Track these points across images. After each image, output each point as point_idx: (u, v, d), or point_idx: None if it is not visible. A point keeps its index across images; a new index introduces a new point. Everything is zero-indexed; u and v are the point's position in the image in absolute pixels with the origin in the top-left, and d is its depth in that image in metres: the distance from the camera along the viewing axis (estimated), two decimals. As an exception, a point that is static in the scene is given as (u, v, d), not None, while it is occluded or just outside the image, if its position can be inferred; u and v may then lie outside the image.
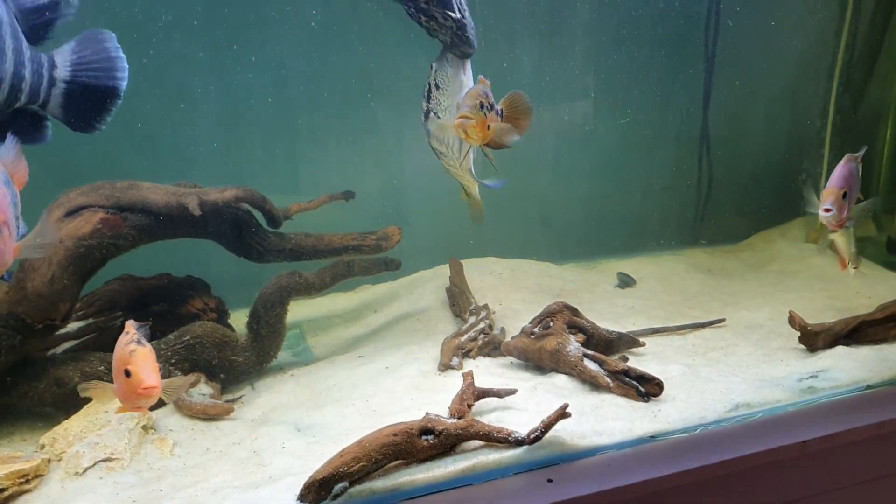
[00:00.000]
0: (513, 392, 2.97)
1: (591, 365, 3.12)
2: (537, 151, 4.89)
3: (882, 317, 3.52)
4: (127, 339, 2.39)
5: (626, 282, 4.76)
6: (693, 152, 5.30)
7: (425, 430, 2.53)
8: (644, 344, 3.63)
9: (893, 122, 5.30)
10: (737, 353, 3.57)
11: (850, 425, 2.82)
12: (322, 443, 2.83)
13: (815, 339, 3.49)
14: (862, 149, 3.26)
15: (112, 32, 3.04)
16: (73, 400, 3.06)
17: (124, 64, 3.04)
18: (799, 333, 3.53)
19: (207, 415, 3.15)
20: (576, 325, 3.48)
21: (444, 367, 3.43)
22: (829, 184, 3.15)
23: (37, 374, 3.14)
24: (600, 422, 2.78)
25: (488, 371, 3.40)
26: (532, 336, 3.43)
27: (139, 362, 2.31)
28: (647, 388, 2.96)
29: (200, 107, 4.06)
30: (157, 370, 2.34)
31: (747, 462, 2.65)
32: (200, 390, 3.28)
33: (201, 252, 3.75)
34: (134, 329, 2.43)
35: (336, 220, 4.12)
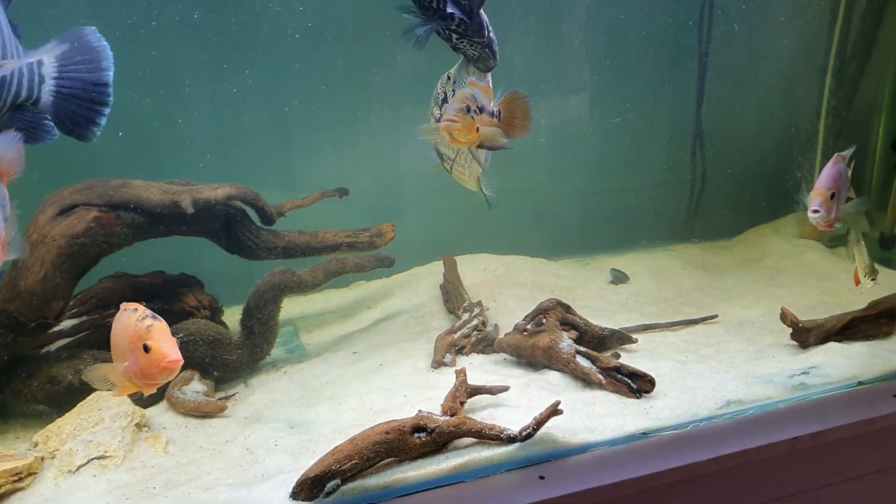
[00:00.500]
0: (505, 389, 2.98)
1: (583, 362, 3.13)
2: (531, 147, 4.88)
3: (874, 313, 3.54)
4: (138, 314, 2.32)
5: (619, 278, 4.76)
6: (686, 148, 5.30)
7: (418, 428, 2.54)
8: (636, 340, 3.64)
9: (886, 119, 5.30)
10: (729, 349, 3.58)
11: (841, 422, 2.83)
12: (315, 440, 2.83)
13: (806, 336, 3.50)
14: (850, 148, 3.24)
15: (93, 27, 3.02)
16: (67, 397, 3.09)
17: (109, 53, 3.00)
18: (791, 330, 3.54)
19: (201, 412, 3.15)
20: (569, 321, 3.49)
21: (438, 364, 3.44)
22: (816, 185, 3.15)
23: (30, 371, 3.14)
24: (592, 418, 2.79)
25: (481, 368, 3.41)
26: (525, 333, 3.43)
27: (159, 336, 2.27)
28: (638, 384, 2.97)
29: (193, 104, 4.05)
30: (176, 344, 2.31)
31: (738, 458, 2.66)
32: (194, 388, 3.28)
33: (195, 249, 3.75)
34: (141, 307, 2.37)
35: (330, 217, 4.12)
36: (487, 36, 3.34)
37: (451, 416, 2.66)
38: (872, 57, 5.25)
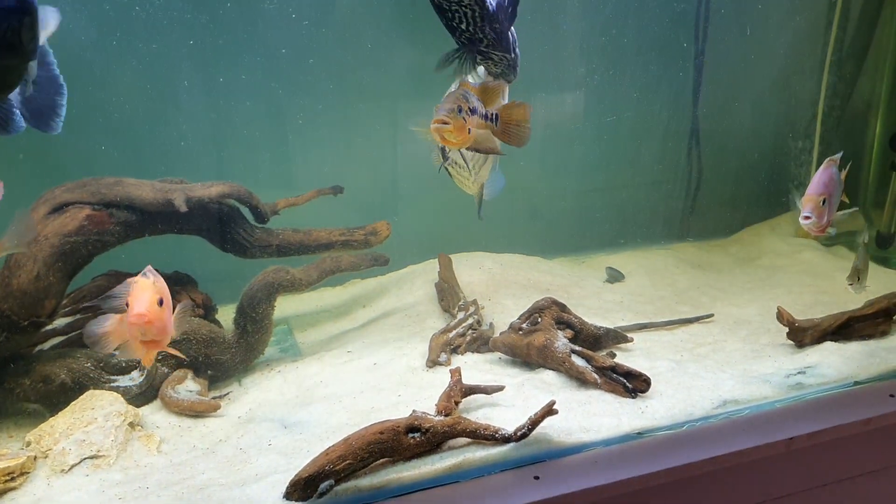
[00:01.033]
0: (500, 389, 2.97)
1: (578, 361, 3.12)
2: (527, 145, 4.87)
3: (870, 312, 3.54)
4: (143, 272, 2.30)
5: (614, 276, 4.75)
6: (682, 146, 5.29)
7: (412, 428, 2.52)
8: (632, 339, 3.63)
9: (883, 117, 5.29)
10: (725, 348, 3.58)
11: (837, 422, 2.82)
12: (309, 440, 2.82)
13: (803, 335, 3.50)
14: (838, 153, 3.22)
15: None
16: (60, 396, 3.08)
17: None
18: (787, 329, 3.53)
19: (194, 412, 3.14)
20: (564, 320, 3.48)
21: (433, 363, 3.43)
22: (808, 190, 3.13)
23: (23, 370, 3.12)
24: (587, 418, 2.78)
25: (476, 367, 3.39)
26: (520, 332, 3.42)
27: (138, 292, 2.22)
28: (634, 384, 2.96)
29: (187, 102, 4.03)
30: (156, 302, 2.24)
31: (734, 459, 2.65)
32: (187, 387, 3.27)
33: (188, 248, 3.74)
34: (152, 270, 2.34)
35: (324, 215, 4.11)
36: (514, 53, 3.29)
37: (446, 415, 2.65)
38: (869, 55, 5.25)
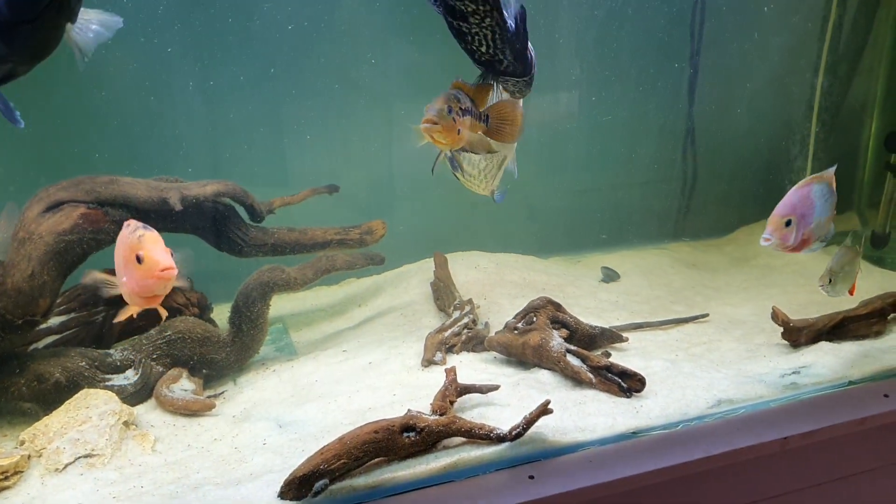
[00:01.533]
0: (495, 388, 2.97)
1: (573, 360, 3.11)
2: (523, 145, 4.87)
3: (865, 312, 3.55)
4: (130, 228, 2.27)
5: (610, 276, 4.75)
6: (678, 146, 5.29)
7: (407, 427, 2.52)
8: (627, 339, 3.63)
9: (878, 117, 5.30)
10: (720, 348, 3.58)
11: (831, 421, 2.82)
12: (304, 439, 2.82)
13: (797, 335, 3.50)
14: (828, 169, 3.05)
15: None
16: (54, 395, 3.07)
17: None
18: (782, 329, 3.53)
19: (189, 410, 3.13)
20: (559, 320, 3.48)
21: (428, 362, 3.43)
22: (775, 210, 2.94)
23: (17, 369, 3.11)
24: (582, 418, 2.78)
25: (472, 366, 3.40)
26: (515, 331, 3.42)
27: (150, 245, 2.23)
28: (629, 383, 2.96)
29: (184, 100, 4.03)
30: (170, 253, 2.26)
31: (729, 458, 2.65)
32: (182, 386, 3.26)
33: (183, 246, 3.72)
34: (134, 221, 2.33)
35: (320, 214, 4.10)
36: (532, 71, 3.25)
37: (441, 415, 2.65)
38: (864, 55, 5.26)
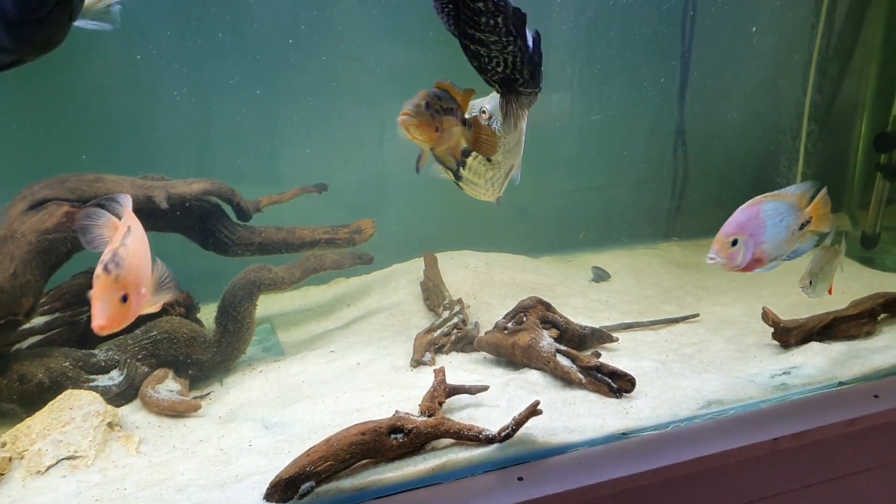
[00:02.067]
0: (484, 389, 2.95)
1: (563, 361, 3.10)
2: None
3: (855, 313, 3.53)
4: (110, 247, 2.12)
5: (600, 276, 4.74)
6: (668, 146, 5.28)
7: (394, 429, 2.50)
8: (617, 339, 3.61)
9: (868, 117, 5.30)
10: (710, 349, 3.56)
11: (821, 422, 2.81)
12: (290, 441, 2.79)
13: (788, 336, 3.48)
14: (791, 186, 2.94)
15: None
16: (37, 396, 3.03)
17: None
18: (772, 329, 3.52)
19: (174, 411, 3.10)
20: (549, 320, 3.46)
21: (417, 363, 3.41)
22: (721, 229, 2.83)
23: (-1, 370, 3.08)
24: (572, 419, 2.76)
25: (461, 367, 3.38)
26: (505, 331, 3.40)
27: (98, 293, 2.06)
28: (619, 384, 2.94)
29: (170, 98, 4.00)
30: (116, 304, 2.08)
31: (719, 459, 2.64)
32: (168, 386, 3.24)
33: (169, 245, 3.70)
34: (119, 237, 2.14)
35: (309, 213, 4.08)
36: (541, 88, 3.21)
37: (429, 416, 2.63)
38: (855, 55, 5.26)
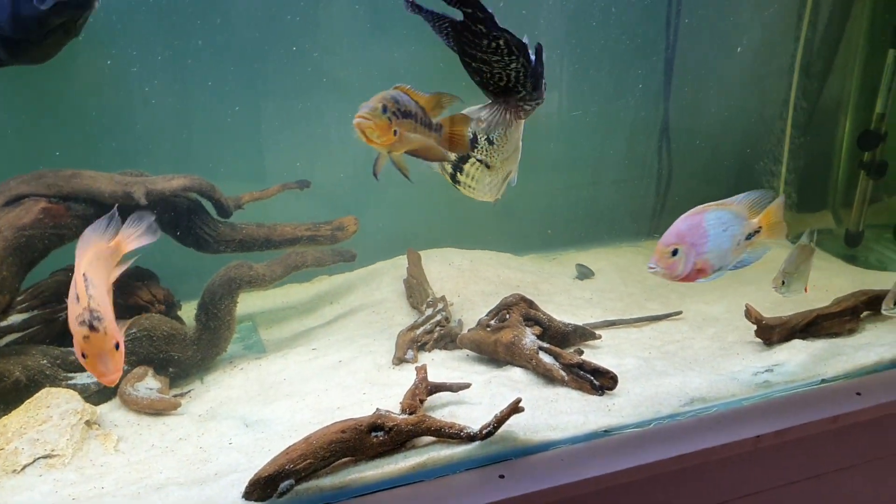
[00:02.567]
0: (466, 386, 2.93)
1: (546, 358, 3.09)
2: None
3: (838, 310, 3.54)
4: (83, 299, 2.10)
5: (584, 273, 4.73)
6: (652, 143, 5.28)
7: (375, 427, 2.49)
8: (600, 337, 3.60)
9: (852, 116, 5.31)
10: (693, 346, 3.56)
11: (804, 419, 2.82)
12: (270, 439, 2.78)
13: (771, 333, 3.48)
14: (739, 195, 2.88)
15: None
16: (14, 395, 2.99)
17: None
18: (755, 327, 3.52)
19: (154, 409, 3.08)
20: (532, 317, 3.45)
21: (399, 360, 3.40)
22: (661, 238, 2.73)
23: (-25, 368, 3.04)
24: (554, 416, 2.75)
25: (444, 364, 3.37)
26: (488, 329, 3.39)
27: (95, 353, 2.09)
28: (601, 381, 2.94)
29: (152, 93, 3.96)
30: (114, 352, 2.11)
31: (701, 457, 2.64)
32: (147, 384, 3.20)
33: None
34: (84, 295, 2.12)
35: (290, 210, 4.05)
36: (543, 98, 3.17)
37: (410, 414, 2.61)
38: (839, 53, 5.26)
